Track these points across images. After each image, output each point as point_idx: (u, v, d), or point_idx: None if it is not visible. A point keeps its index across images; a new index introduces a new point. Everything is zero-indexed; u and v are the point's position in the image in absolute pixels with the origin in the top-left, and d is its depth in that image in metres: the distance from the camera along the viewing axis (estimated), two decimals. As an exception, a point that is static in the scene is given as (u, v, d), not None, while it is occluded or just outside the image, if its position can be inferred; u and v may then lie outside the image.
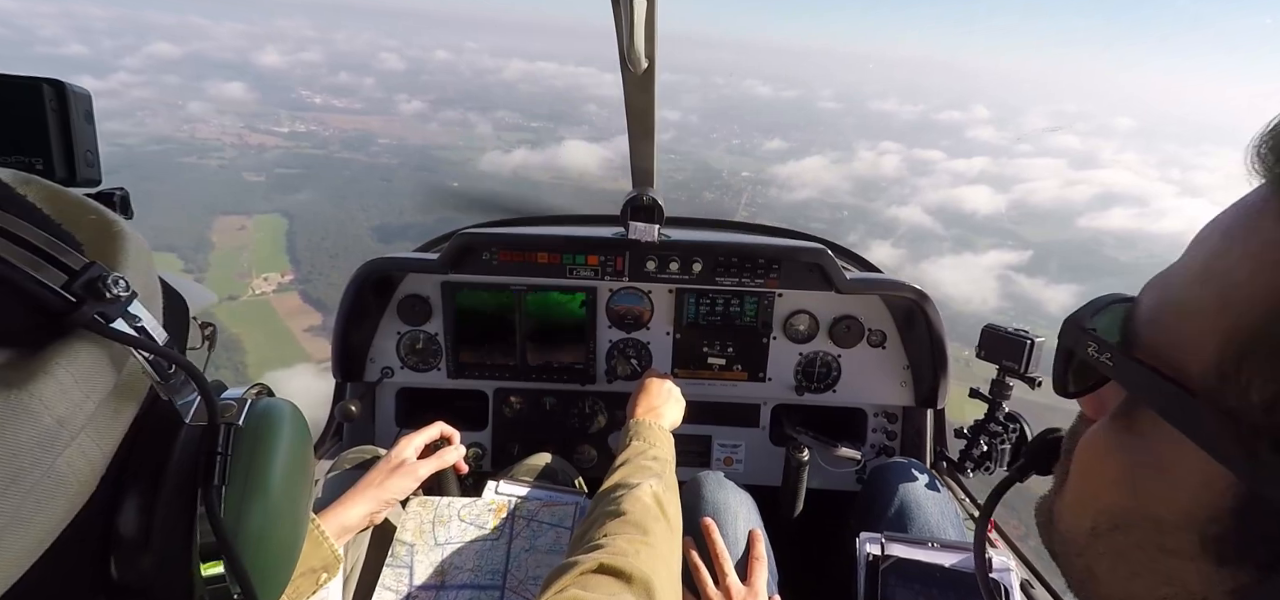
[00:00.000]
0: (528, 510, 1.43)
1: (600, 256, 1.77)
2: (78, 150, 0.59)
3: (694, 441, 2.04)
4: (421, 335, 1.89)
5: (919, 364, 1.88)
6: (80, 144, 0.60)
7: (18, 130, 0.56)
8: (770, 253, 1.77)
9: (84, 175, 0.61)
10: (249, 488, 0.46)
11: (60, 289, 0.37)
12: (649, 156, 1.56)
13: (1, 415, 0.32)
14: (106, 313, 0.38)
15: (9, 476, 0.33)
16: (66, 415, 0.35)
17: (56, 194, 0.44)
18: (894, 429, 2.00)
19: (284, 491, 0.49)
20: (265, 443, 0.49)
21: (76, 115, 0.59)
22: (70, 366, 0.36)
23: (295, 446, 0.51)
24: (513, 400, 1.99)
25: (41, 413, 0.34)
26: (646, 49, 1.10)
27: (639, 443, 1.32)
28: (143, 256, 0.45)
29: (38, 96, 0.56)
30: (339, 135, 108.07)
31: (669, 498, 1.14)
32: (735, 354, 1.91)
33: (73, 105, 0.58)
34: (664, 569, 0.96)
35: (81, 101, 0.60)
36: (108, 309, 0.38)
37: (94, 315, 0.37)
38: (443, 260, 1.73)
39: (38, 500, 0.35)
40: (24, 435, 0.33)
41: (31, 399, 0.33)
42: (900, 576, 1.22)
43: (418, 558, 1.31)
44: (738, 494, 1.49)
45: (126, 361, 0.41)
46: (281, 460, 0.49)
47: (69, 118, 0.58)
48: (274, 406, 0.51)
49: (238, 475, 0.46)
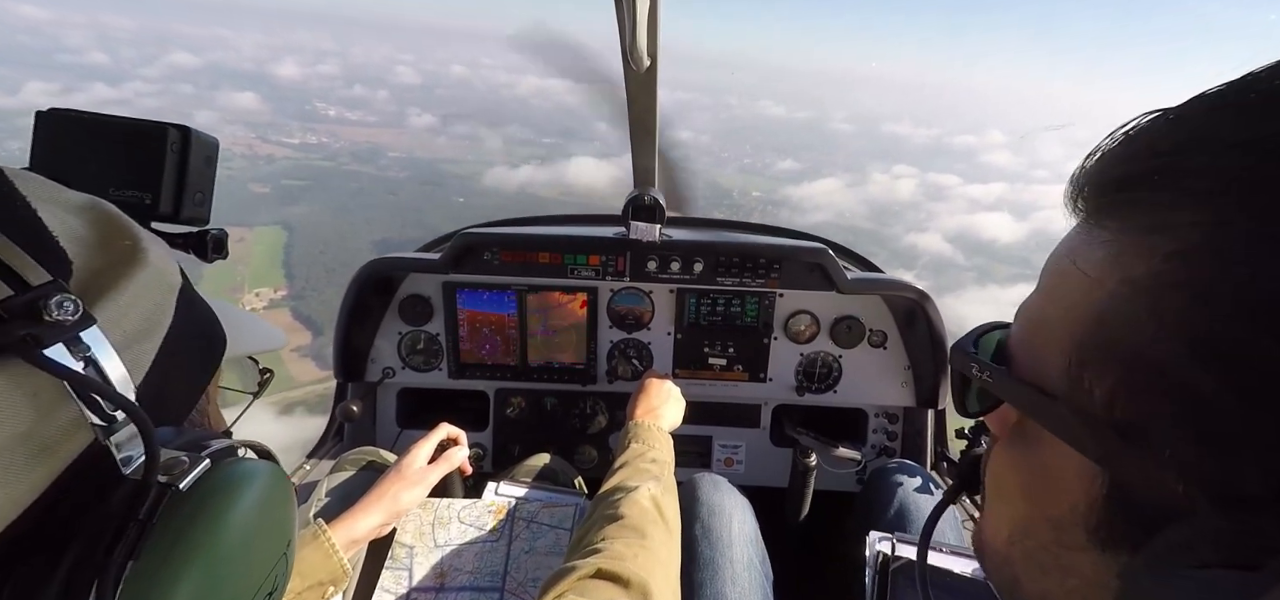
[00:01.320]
0: (527, 512, 1.43)
1: (601, 256, 1.77)
2: (188, 190, 0.63)
3: (694, 442, 2.04)
4: (422, 335, 1.89)
5: (920, 364, 1.87)
6: (192, 185, 0.63)
7: (140, 167, 0.60)
8: (771, 253, 1.76)
9: (190, 213, 0.64)
10: (172, 565, 0.38)
11: None
12: (650, 156, 1.56)
13: None
14: (39, 336, 0.33)
15: None
16: None
17: (105, 216, 0.42)
18: (895, 429, 2.00)
19: (223, 574, 0.40)
20: (208, 512, 0.40)
21: (196, 158, 0.63)
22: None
23: (256, 518, 0.43)
24: (514, 400, 1.98)
25: None
26: (649, 47, 1.10)
27: (638, 445, 1.32)
28: (151, 288, 0.42)
29: (161, 138, 0.61)
30: (349, 147, 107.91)
31: (667, 501, 1.14)
32: (736, 354, 1.90)
33: (194, 149, 0.63)
34: (662, 573, 0.96)
35: (205, 147, 0.65)
36: (42, 333, 0.33)
37: (22, 337, 0.32)
38: (444, 260, 1.73)
39: None
40: None
41: None
42: (910, 579, 1.21)
43: (417, 560, 1.32)
44: (733, 495, 1.48)
45: (62, 405, 0.35)
46: (227, 534, 0.40)
47: (188, 160, 0.62)
48: (241, 468, 0.44)
49: (161, 549, 0.37)
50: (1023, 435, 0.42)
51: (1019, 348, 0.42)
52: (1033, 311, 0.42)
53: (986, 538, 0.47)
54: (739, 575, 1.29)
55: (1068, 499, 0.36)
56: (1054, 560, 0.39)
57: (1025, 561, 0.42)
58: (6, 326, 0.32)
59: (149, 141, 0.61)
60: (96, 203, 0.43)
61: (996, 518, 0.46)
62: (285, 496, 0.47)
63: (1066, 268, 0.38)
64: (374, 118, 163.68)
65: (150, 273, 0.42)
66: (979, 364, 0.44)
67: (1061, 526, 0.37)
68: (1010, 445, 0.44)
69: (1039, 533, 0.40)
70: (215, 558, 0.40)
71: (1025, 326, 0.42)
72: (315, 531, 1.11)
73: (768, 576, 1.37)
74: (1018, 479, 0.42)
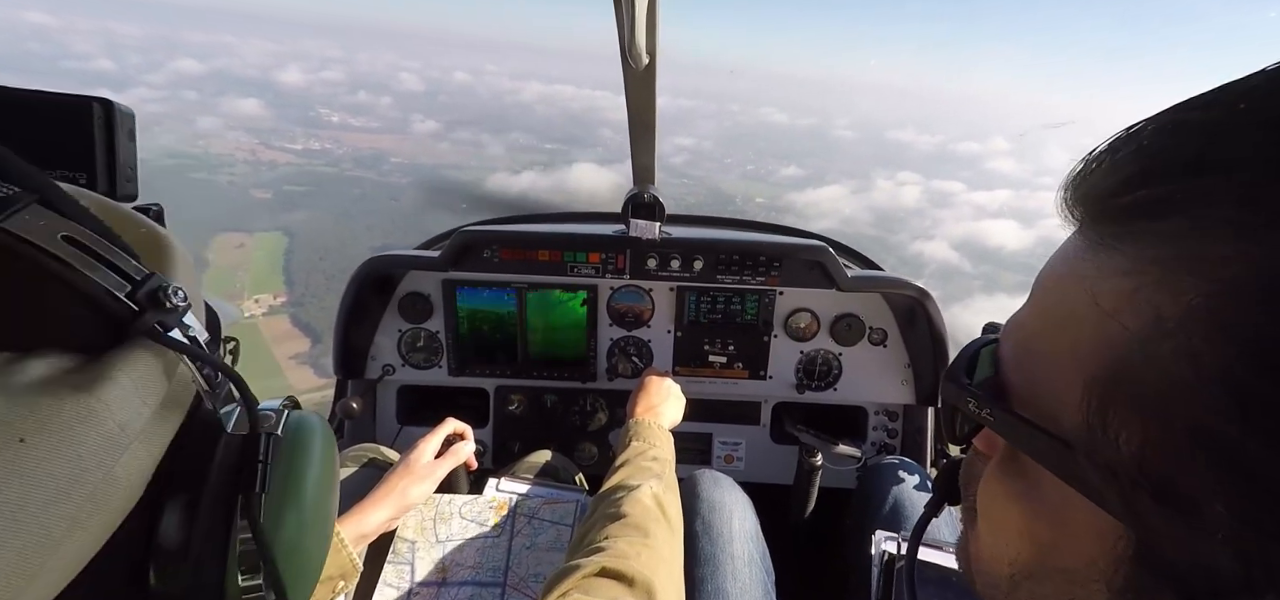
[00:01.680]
0: (529, 508, 1.44)
1: (601, 254, 1.77)
2: (119, 166, 0.61)
3: (695, 439, 2.04)
4: (422, 333, 1.89)
5: (920, 362, 1.88)
6: (122, 160, 0.61)
7: (66, 146, 0.58)
8: (771, 250, 1.76)
9: (124, 190, 0.62)
10: (285, 497, 0.46)
11: (124, 298, 0.38)
12: (650, 154, 1.57)
13: (71, 417, 0.33)
14: (165, 322, 0.39)
15: (72, 478, 0.33)
16: (127, 421, 0.36)
17: (109, 207, 0.45)
18: (895, 427, 2.00)
19: (316, 503, 0.49)
20: (301, 453, 0.49)
21: (121, 133, 0.61)
22: (131, 373, 0.36)
23: (327, 460, 0.52)
24: (514, 398, 1.98)
25: (106, 416, 0.34)
26: (648, 45, 1.10)
27: (639, 443, 1.32)
28: (189, 269, 0.46)
29: (87, 114, 0.58)
30: (352, 153, 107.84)
31: (669, 498, 1.14)
32: (736, 352, 1.91)
33: (118, 123, 0.60)
34: (665, 571, 0.96)
35: (127, 120, 0.62)
36: (166, 318, 0.39)
37: (155, 323, 0.38)
38: (443, 258, 1.73)
39: (95, 504, 0.35)
40: (90, 438, 0.34)
41: (98, 403, 0.34)
42: (918, 578, 1.19)
43: (419, 555, 1.32)
44: (734, 491, 1.48)
45: (176, 370, 0.41)
46: (315, 472, 0.49)
47: (114, 135, 0.60)
48: (307, 419, 0.52)
49: (275, 484, 0.45)
50: (1020, 468, 0.37)
51: (1018, 376, 0.37)
52: (1032, 338, 0.37)
53: (980, 565, 0.43)
54: (740, 571, 1.29)
55: (1083, 552, 0.32)
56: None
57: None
58: (143, 316, 0.38)
59: (75, 118, 0.58)
60: (83, 191, 0.44)
61: (994, 552, 0.41)
62: (334, 441, 0.54)
63: (1073, 292, 0.32)
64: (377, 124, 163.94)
65: (181, 255, 0.46)
66: (978, 400, 0.38)
67: (1076, 580, 0.33)
68: (1005, 475, 0.39)
69: (1048, 579, 0.36)
70: (312, 487, 0.48)
71: (1024, 355, 0.37)
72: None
73: (768, 573, 1.37)
74: (1019, 519, 0.37)
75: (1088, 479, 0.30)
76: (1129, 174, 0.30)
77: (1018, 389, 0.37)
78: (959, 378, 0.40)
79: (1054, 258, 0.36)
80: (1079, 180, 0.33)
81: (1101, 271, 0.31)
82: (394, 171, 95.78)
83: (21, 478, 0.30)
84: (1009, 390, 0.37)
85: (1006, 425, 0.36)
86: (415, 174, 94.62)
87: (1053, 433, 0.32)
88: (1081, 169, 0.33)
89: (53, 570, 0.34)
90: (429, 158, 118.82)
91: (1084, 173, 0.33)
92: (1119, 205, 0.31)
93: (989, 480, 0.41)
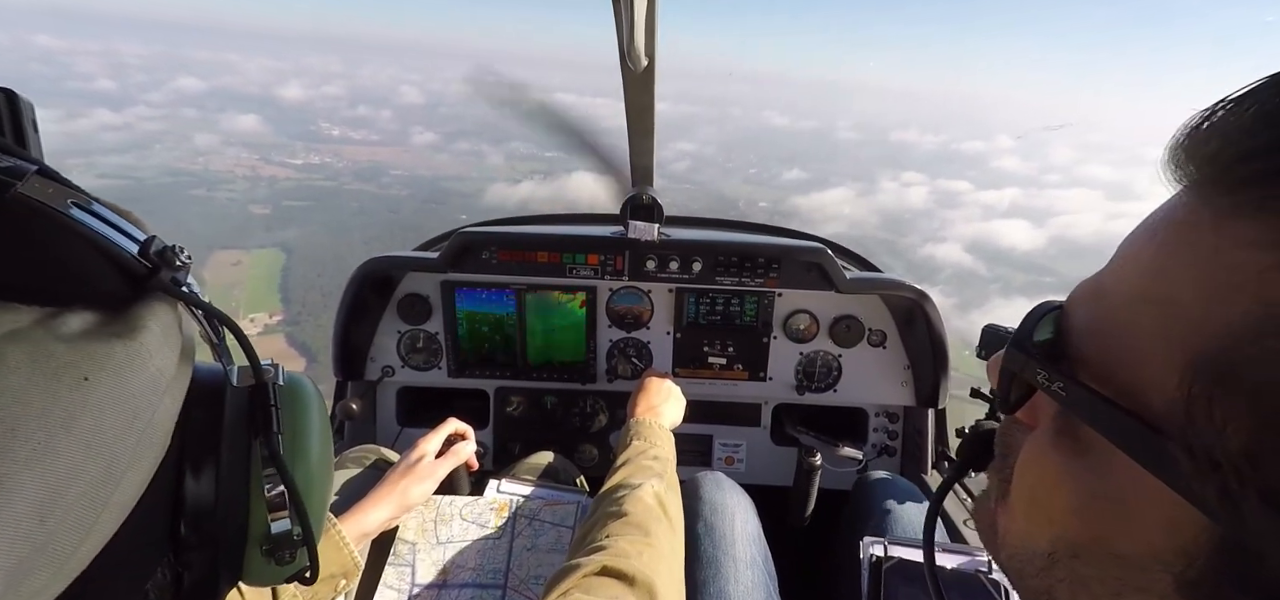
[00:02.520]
0: (529, 509, 1.44)
1: (600, 256, 1.77)
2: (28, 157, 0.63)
3: (695, 441, 2.04)
4: (422, 334, 1.89)
5: (919, 364, 1.88)
6: (34, 154, 0.61)
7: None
8: (770, 252, 1.76)
9: None
10: (294, 443, 0.48)
11: (137, 256, 0.39)
12: (649, 156, 1.57)
13: (121, 360, 0.35)
14: (177, 278, 0.41)
15: (130, 415, 0.35)
16: (163, 367, 0.38)
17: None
18: (895, 429, 2.00)
19: (319, 454, 0.50)
20: (301, 404, 0.50)
21: (26, 122, 0.60)
22: (159, 323, 0.38)
23: (322, 413, 0.53)
24: (514, 399, 1.98)
25: (149, 360, 0.36)
26: (646, 47, 1.10)
27: (639, 442, 1.32)
28: None
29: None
30: (352, 167, 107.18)
31: (670, 498, 1.14)
32: (736, 353, 1.91)
33: (23, 112, 0.59)
34: (666, 570, 0.96)
35: (29, 109, 0.61)
36: (178, 275, 0.41)
37: (170, 279, 0.40)
38: (442, 259, 1.74)
39: (144, 444, 0.37)
40: (138, 380, 0.35)
41: (141, 348, 0.36)
42: (903, 577, 1.23)
43: (420, 556, 1.32)
44: (736, 493, 1.48)
45: (188, 323, 0.44)
46: (314, 420, 0.51)
47: (21, 125, 0.59)
48: (298, 376, 0.53)
49: (288, 423, 0.47)
50: (1080, 444, 0.34)
51: (1095, 348, 0.33)
52: (1113, 305, 0.33)
53: (1017, 542, 0.40)
54: (742, 573, 1.28)
55: (1147, 540, 0.29)
56: (1112, 595, 0.32)
57: (1072, 584, 0.35)
58: (159, 273, 0.40)
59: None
60: None
61: (1033, 526, 0.38)
62: (323, 399, 0.56)
63: (1180, 261, 0.29)
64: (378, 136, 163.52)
65: None
66: (1048, 373, 0.34)
67: (1133, 566, 0.30)
68: (1057, 450, 0.35)
69: (1097, 563, 0.33)
70: (314, 433, 0.51)
71: (1103, 325, 0.33)
72: (325, 525, 1.09)
73: (771, 575, 1.36)
74: (1072, 497, 0.34)
75: (1176, 468, 0.27)
76: (1263, 140, 0.26)
77: (1093, 362, 0.33)
78: (1026, 345, 0.37)
79: (1153, 220, 0.32)
80: (1202, 135, 0.29)
81: (1224, 241, 0.27)
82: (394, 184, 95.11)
83: (91, 412, 0.33)
84: (1081, 362, 0.34)
85: (1081, 401, 0.32)
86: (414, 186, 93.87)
87: (1138, 414, 0.29)
88: (1204, 122, 0.29)
89: (114, 506, 0.36)
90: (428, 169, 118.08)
91: (1208, 127, 0.28)
92: (1251, 175, 0.27)
93: (1035, 452, 0.38)
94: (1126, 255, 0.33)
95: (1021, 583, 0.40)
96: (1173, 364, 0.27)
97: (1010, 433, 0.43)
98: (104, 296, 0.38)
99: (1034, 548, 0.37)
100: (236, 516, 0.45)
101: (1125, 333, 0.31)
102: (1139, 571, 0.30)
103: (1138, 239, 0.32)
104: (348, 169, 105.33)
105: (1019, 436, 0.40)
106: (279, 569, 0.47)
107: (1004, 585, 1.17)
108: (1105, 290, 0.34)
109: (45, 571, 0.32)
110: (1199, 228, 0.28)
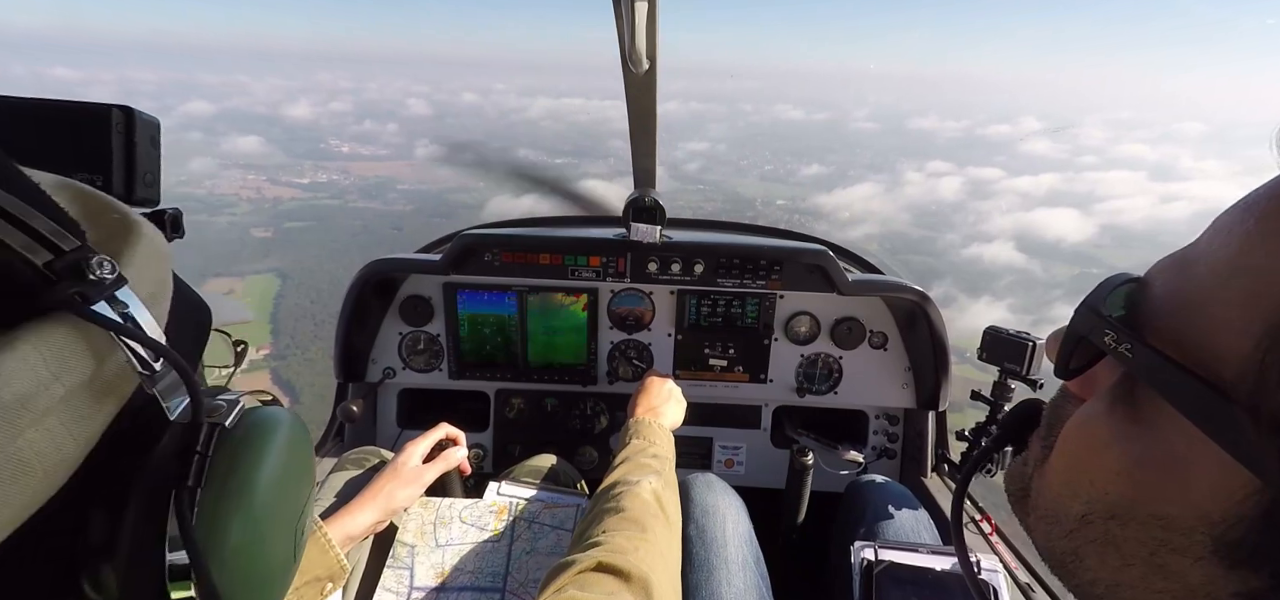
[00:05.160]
0: (529, 512, 1.44)
1: (602, 258, 1.78)
2: (138, 171, 0.62)
3: (695, 443, 2.04)
4: (423, 336, 1.89)
5: (920, 366, 1.88)
6: (141, 165, 0.62)
7: (88, 150, 0.59)
8: (772, 254, 1.77)
9: (142, 194, 0.62)
10: (229, 495, 0.42)
11: (41, 266, 0.35)
12: (650, 158, 1.58)
13: None
14: (86, 294, 0.36)
15: None
16: (28, 393, 0.33)
17: (85, 193, 0.43)
18: (895, 431, 1.99)
19: (272, 504, 0.45)
20: (253, 448, 0.45)
21: (142, 140, 0.62)
22: (39, 344, 0.33)
23: (290, 456, 0.48)
24: (514, 401, 1.98)
25: (3, 385, 0.31)
26: (648, 49, 1.12)
27: (639, 441, 1.32)
28: (155, 257, 0.44)
29: (106, 119, 0.59)
30: (358, 184, 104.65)
31: (668, 495, 1.14)
32: (737, 355, 1.91)
33: (139, 130, 0.61)
34: (662, 566, 0.96)
35: (149, 127, 0.63)
36: (88, 290, 0.36)
37: (72, 294, 0.35)
38: (444, 261, 1.74)
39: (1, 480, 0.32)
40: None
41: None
42: (893, 580, 1.25)
43: (418, 559, 1.32)
44: (727, 495, 1.47)
45: (113, 353, 0.38)
46: (270, 469, 0.45)
47: (134, 141, 0.61)
48: (272, 414, 0.49)
49: (216, 480, 0.42)
50: (1137, 412, 0.34)
51: (1169, 316, 0.34)
52: (1200, 277, 0.32)
53: (1050, 503, 0.40)
54: (734, 576, 1.28)
55: (1195, 500, 0.30)
56: (1148, 556, 0.33)
57: (1103, 545, 0.35)
58: (57, 286, 0.35)
59: (93, 123, 0.59)
60: (68, 182, 0.43)
61: (1070, 488, 0.38)
62: (307, 438, 0.51)
63: (1266, 239, 0.29)
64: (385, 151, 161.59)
65: (149, 241, 0.44)
66: (1117, 332, 0.35)
67: (1173, 527, 0.31)
68: (1113, 418, 0.36)
69: (1137, 524, 0.33)
70: (265, 486, 0.44)
71: (1185, 295, 0.33)
72: (311, 528, 1.12)
73: (763, 577, 1.35)
74: (1119, 460, 0.35)
75: (1240, 433, 0.27)
76: None
77: (1166, 329, 0.33)
78: (1100, 305, 0.37)
79: (1254, 197, 0.31)
80: None
81: None
82: (399, 199, 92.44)
83: None
84: (1153, 329, 0.34)
85: (1148, 364, 0.33)
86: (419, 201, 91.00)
87: (1205, 378, 0.29)
88: None
89: None
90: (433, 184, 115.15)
91: None
92: None
93: (1089, 422, 0.38)
94: (1221, 227, 0.33)
95: (1049, 544, 0.40)
96: (1250, 331, 0.27)
97: (1061, 405, 0.43)
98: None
99: (1067, 509, 0.38)
100: (138, 576, 0.39)
101: (1205, 302, 0.31)
102: (1178, 533, 0.30)
103: (1235, 213, 0.32)
104: (354, 186, 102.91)
105: (1069, 408, 0.41)
106: None
107: (993, 586, 1.20)
108: (1192, 261, 0.34)
109: None
110: None
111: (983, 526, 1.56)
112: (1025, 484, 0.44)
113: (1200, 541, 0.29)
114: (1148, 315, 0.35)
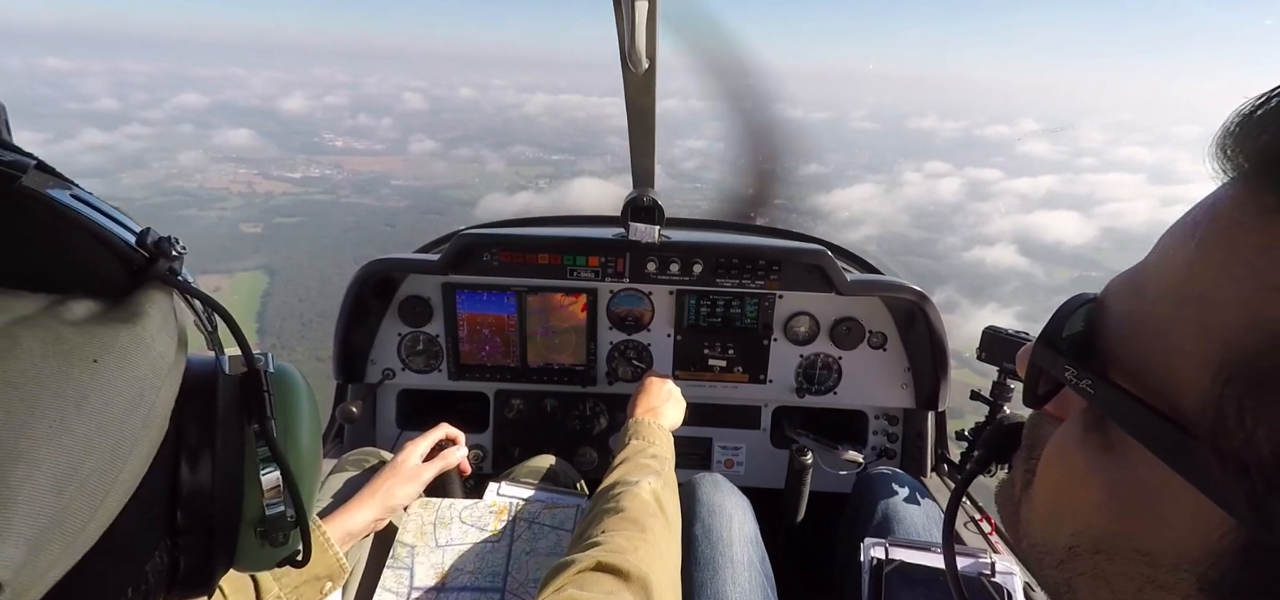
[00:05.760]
0: (529, 512, 1.44)
1: (601, 258, 1.78)
2: None
3: (695, 444, 2.04)
4: (422, 337, 1.89)
5: (920, 366, 1.88)
6: None
7: None
8: (771, 254, 1.77)
9: None
10: (292, 416, 0.50)
11: (134, 245, 0.40)
12: (650, 157, 1.58)
13: (126, 344, 0.36)
14: (173, 268, 0.42)
15: (135, 396, 0.36)
16: (164, 352, 0.39)
17: None
18: (895, 431, 2.00)
19: (309, 441, 0.51)
20: (293, 393, 0.51)
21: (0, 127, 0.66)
22: (157, 311, 0.39)
23: (313, 403, 0.54)
24: (514, 402, 1.98)
25: (151, 345, 0.37)
26: (648, 49, 1.12)
27: (638, 441, 1.32)
28: None
29: None
30: (351, 179, 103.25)
31: (668, 495, 1.14)
32: (736, 356, 1.91)
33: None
34: (662, 566, 0.95)
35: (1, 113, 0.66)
36: (174, 264, 0.42)
37: (167, 268, 0.41)
38: (443, 261, 1.74)
39: (146, 427, 0.38)
40: (142, 364, 0.37)
41: (144, 333, 0.37)
42: (904, 580, 1.23)
43: (418, 559, 1.32)
44: (733, 495, 1.47)
45: (180, 308, 0.44)
46: (306, 411, 0.52)
47: None
48: (287, 366, 0.54)
49: (280, 408, 0.48)
50: (1106, 438, 0.33)
51: (1127, 346, 0.33)
52: (1149, 302, 0.32)
53: (1038, 532, 0.40)
54: (739, 575, 1.28)
55: (1173, 539, 0.29)
56: (1134, 591, 0.31)
57: (1093, 578, 0.34)
58: (158, 262, 0.41)
59: None
60: None
61: (1055, 518, 0.38)
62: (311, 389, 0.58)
63: (1222, 258, 0.28)
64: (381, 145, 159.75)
65: None
66: (1077, 371, 0.34)
67: (1158, 564, 0.30)
68: (1084, 445, 0.35)
69: (1122, 559, 0.32)
70: (307, 420, 0.52)
71: (1137, 323, 0.32)
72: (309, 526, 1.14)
73: (768, 577, 1.36)
74: (1096, 492, 0.34)
75: (1205, 470, 0.26)
76: None
77: (1125, 359, 0.32)
78: (1055, 341, 0.37)
79: (1195, 214, 0.30)
80: (1254, 124, 0.27)
81: (1270, 240, 0.26)
82: (392, 195, 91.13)
83: (101, 392, 0.34)
84: (1113, 358, 0.33)
85: (1109, 399, 0.32)
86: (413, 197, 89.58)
87: (1167, 415, 0.28)
88: (1258, 109, 0.27)
89: (119, 485, 0.37)
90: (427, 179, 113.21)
91: (1263, 114, 0.27)
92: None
93: (1061, 446, 0.37)
94: (1166, 249, 0.32)
95: (1041, 573, 0.39)
96: (1207, 363, 0.27)
97: (1038, 425, 0.42)
98: (104, 284, 0.39)
99: (1055, 540, 0.37)
100: (231, 501, 0.46)
101: (1160, 330, 0.30)
102: (1163, 570, 0.29)
103: (1178, 233, 0.31)
104: (347, 181, 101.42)
105: (1047, 428, 0.40)
106: (272, 551, 0.48)
107: (1007, 589, 1.17)
108: (1142, 285, 0.33)
109: (57, 544, 0.33)
110: (1243, 225, 0.27)
111: (982, 526, 1.54)
112: (1015, 508, 0.43)
113: (1185, 579, 0.28)
114: (1108, 340, 0.34)
